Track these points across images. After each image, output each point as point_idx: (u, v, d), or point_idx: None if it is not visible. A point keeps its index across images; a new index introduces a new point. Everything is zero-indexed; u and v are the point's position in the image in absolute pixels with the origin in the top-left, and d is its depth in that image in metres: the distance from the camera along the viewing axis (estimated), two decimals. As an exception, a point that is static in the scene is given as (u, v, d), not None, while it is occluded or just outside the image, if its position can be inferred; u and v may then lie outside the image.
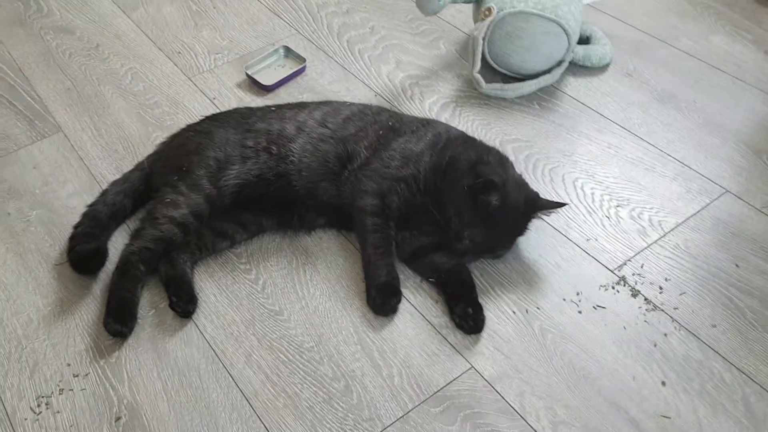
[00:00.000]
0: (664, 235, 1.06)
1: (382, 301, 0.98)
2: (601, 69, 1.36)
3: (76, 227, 1.08)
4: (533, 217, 1.01)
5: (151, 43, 1.51)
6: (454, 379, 0.91)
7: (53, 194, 1.19)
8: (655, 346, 0.93)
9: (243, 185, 1.06)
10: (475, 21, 1.39)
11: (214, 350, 0.96)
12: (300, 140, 1.09)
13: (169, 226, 1.02)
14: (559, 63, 1.30)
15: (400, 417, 0.87)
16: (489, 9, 1.28)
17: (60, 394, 0.92)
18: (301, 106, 1.16)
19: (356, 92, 1.35)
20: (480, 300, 0.98)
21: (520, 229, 1.01)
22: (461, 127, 1.22)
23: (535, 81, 1.29)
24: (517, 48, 1.28)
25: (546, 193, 1.13)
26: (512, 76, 1.32)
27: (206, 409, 0.90)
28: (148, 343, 0.97)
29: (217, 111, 1.25)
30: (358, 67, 1.42)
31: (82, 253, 1.03)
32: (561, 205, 1.01)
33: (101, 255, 1.03)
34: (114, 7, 1.62)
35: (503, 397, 0.89)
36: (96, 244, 1.04)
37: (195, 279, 1.04)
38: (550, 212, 1.04)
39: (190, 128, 1.17)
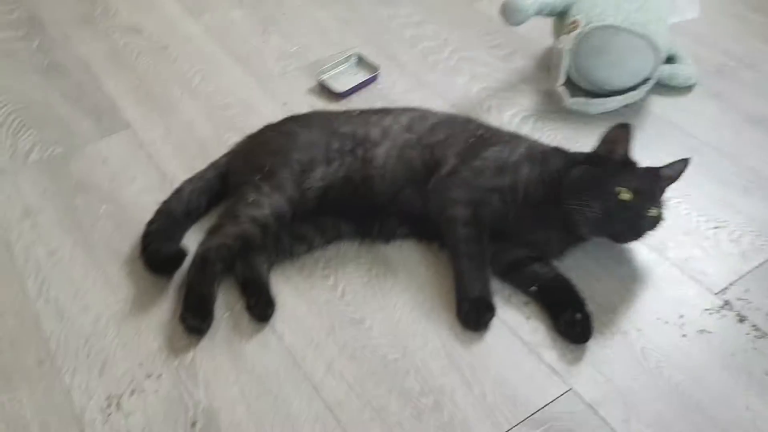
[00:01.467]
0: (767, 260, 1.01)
1: (475, 315, 0.93)
2: (686, 89, 1.32)
3: (150, 224, 1.04)
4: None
5: (220, 47, 1.48)
6: (553, 401, 0.85)
7: (122, 190, 1.16)
8: (768, 375, 0.87)
9: (327, 188, 1.02)
10: (557, 34, 1.35)
11: (294, 356, 0.91)
12: (385, 145, 1.05)
13: (250, 225, 0.98)
14: (646, 80, 1.26)
15: (497, 438, 0.82)
16: (576, 22, 1.24)
17: (131, 395, 0.88)
18: (386, 111, 1.13)
19: (430, 102, 1.31)
20: (583, 312, 0.93)
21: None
22: (543, 141, 1.17)
23: (621, 97, 1.25)
24: (603, 62, 1.23)
25: (637, 211, 1.08)
26: (596, 92, 1.28)
27: (287, 419, 0.84)
28: (224, 346, 0.92)
29: (291, 114, 1.21)
30: (432, 77, 1.38)
31: (162, 255, 0.99)
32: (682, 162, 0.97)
33: (180, 257, 0.98)
34: (181, 10, 1.61)
35: (607, 423, 0.83)
36: (176, 246, 1.00)
37: (272, 283, 0.99)
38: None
39: (271, 128, 1.13)
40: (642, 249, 1.03)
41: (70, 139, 1.26)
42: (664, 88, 1.31)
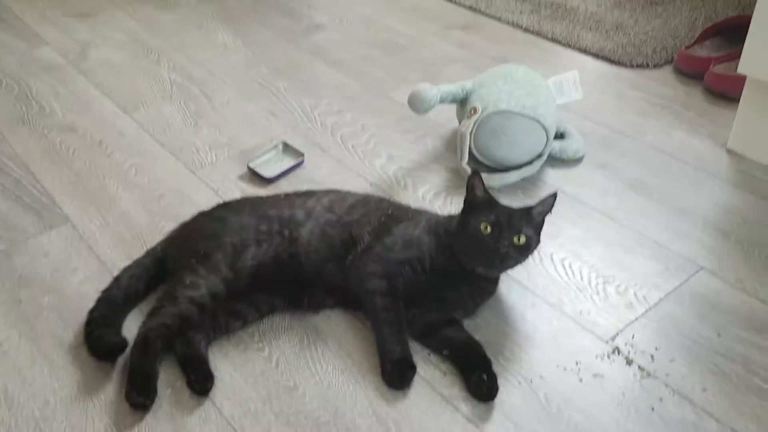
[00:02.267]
0: (650, 309, 1.15)
1: (398, 375, 1.03)
2: (576, 162, 1.49)
3: (91, 312, 1.11)
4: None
5: (153, 140, 1.59)
6: (469, 447, 0.95)
7: (64, 281, 1.23)
8: (653, 410, 0.99)
9: (258, 266, 1.12)
10: (460, 119, 1.51)
11: (233, 427, 0.99)
12: (309, 225, 1.16)
13: (187, 305, 1.06)
14: (539, 156, 1.42)
15: (420, 484, 0.91)
16: (474, 108, 1.40)
17: (80, 474, 0.93)
18: (309, 194, 1.25)
19: (352, 182, 1.44)
20: (488, 371, 1.04)
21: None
22: (452, 212, 1.31)
23: (517, 172, 1.40)
24: (501, 143, 1.39)
25: (537, 270, 1.22)
26: (496, 168, 1.44)
27: (229, 484, 0.92)
28: (167, 422, 0.99)
29: (222, 201, 1.32)
30: (352, 160, 1.52)
31: (105, 343, 1.06)
32: (551, 196, 1.09)
33: (122, 346, 1.06)
34: (115, 107, 1.71)
35: (517, 462, 0.93)
36: (118, 332, 1.08)
37: (210, 358, 1.07)
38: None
39: (204, 215, 1.23)
40: (542, 306, 1.16)
41: (11, 234, 1.33)
42: (556, 161, 1.48)
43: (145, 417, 1.00)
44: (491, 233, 1.06)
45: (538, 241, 1.10)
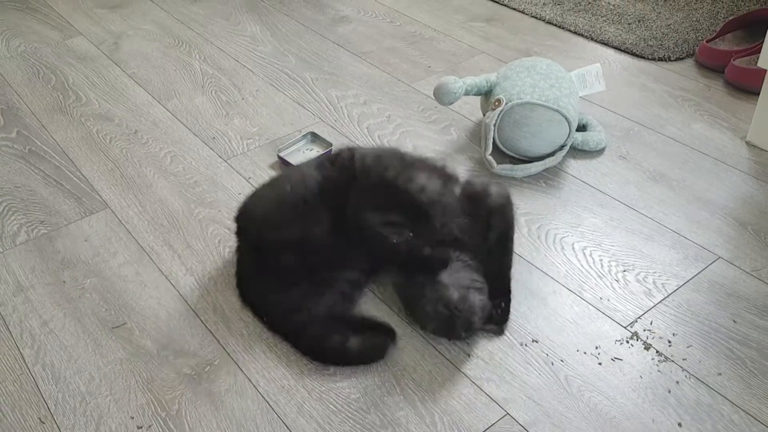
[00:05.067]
0: (668, 296, 1.19)
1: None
2: (598, 153, 1.52)
3: None
4: None
5: (187, 130, 1.64)
6: (492, 425, 1.00)
7: (105, 264, 1.29)
8: (669, 392, 1.04)
9: None
10: (484, 110, 1.55)
11: (267, 402, 1.04)
12: None
13: None
14: (562, 147, 1.46)
15: (446, 458, 0.96)
16: (498, 100, 1.44)
17: (126, 444, 0.99)
18: None
19: (379, 173, 1.48)
20: (510, 354, 1.09)
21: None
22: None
23: (541, 162, 1.44)
24: (524, 134, 1.43)
25: (558, 258, 1.26)
26: (520, 159, 1.48)
27: (265, 455, 0.97)
28: (205, 396, 1.05)
29: (253, 189, 1.37)
30: (378, 150, 1.56)
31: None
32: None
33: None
34: (149, 97, 1.77)
35: (538, 440, 0.98)
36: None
37: (245, 336, 1.13)
38: None
39: None
40: (562, 291, 1.20)
41: (53, 219, 1.39)
42: (578, 152, 1.52)
43: (185, 392, 1.06)
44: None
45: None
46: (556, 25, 2.02)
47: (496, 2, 2.16)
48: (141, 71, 1.88)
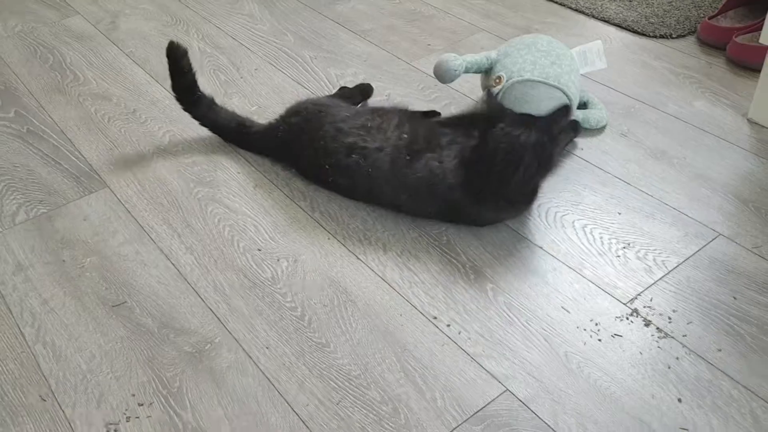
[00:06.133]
0: (668, 273, 1.19)
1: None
2: (599, 130, 1.51)
3: None
4: None
5: (185, 109, 1.63)
6: (492, 401, 1.01)
7: (104, 244, 1.29)
8: (669, 368, 1.04)
9: None
10: (484, 88, 1.54)
11: (268, 379, 1.05)
12: None
13: None
14: (562, 124, 1.45)
15: (446, 434, 0.96)
16: (499, 77, 1.43)
17: (127, 421, 1.00)
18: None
19: (378, 151, 1.48)
20: (510, 331, 1.09)
21: None
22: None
23: (541, 140, 1.43)
24: (525, 111, 1.42)
25: (559, 236, 1.26)
26: (520, 136, 1.47)
27: (267, 432, 0.98)
28: (207, 374, 1.06)
29: (252, 168, 1.36)
30: (378, 129, 1.55)
31: None
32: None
33: None
34: (147, 76, 1.76)
35: (538, 416, 0.98)
36: None
37: (245, 314, 1.13)
38: None
39: None
40: (562, 269, 1.20)
41: (52, 199, 1.39)
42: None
43: (186, 370, 1.06)
44: None
45: None
46: (556, 2, 2.00)
47: (497, -21, 2.14)
48: (139, 50, 1.87)
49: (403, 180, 1.26)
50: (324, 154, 1.32)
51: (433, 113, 1.55)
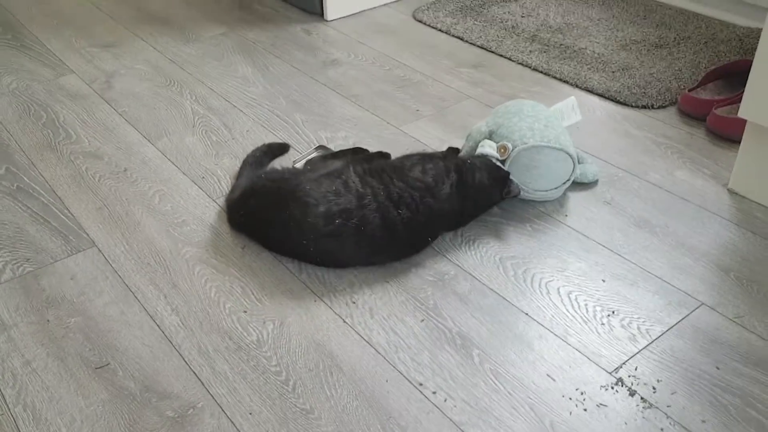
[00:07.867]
0: (652, 342, 1.19)
1: None
2: (583, 198, 1.54)
3: None
4: None
5: (176, 169, 1.65)
6: (477, 471, 1.00)
7: (90, 303, 1.28)
8: (654, 439, 1.04)
9: None
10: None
11: (252, 446, 1.03)
12: None
13: None
14: (565, 182, 1.50)
15: (431, 505, 0.95)
16: (504, 147, 1.47)
17: (106, 488, 0.98)
18: None
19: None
20: (495, 399, 1.09)
21: None
22: (465, 246, 1.38)
23: (542, 193, 1.50)
24: (533, 175, 1.47)
25: (544, 303, 1.27)
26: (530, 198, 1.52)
27: (248, 501, 0.96)
28: (189, 439, 1.04)
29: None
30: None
31: None
32: None
33: None
34: (139, 136, 1.78)
35: (523, 487, 0.98)
36: None
37: (229, 378, 1.12)
38: None
39: None
40: (549, 336, 1.21)
41: (39, 257, 1.39)
42: (563, 197, 1.54)
43: (168, 435, 1.04)
44: None
45: None
46: (542, 72, 2.07)
47: (484, 49, 2.20)
48: (132, 110, 1.90)
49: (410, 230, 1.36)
50: (298, 232, 1.33)
51: (381, 154, 1.62)
